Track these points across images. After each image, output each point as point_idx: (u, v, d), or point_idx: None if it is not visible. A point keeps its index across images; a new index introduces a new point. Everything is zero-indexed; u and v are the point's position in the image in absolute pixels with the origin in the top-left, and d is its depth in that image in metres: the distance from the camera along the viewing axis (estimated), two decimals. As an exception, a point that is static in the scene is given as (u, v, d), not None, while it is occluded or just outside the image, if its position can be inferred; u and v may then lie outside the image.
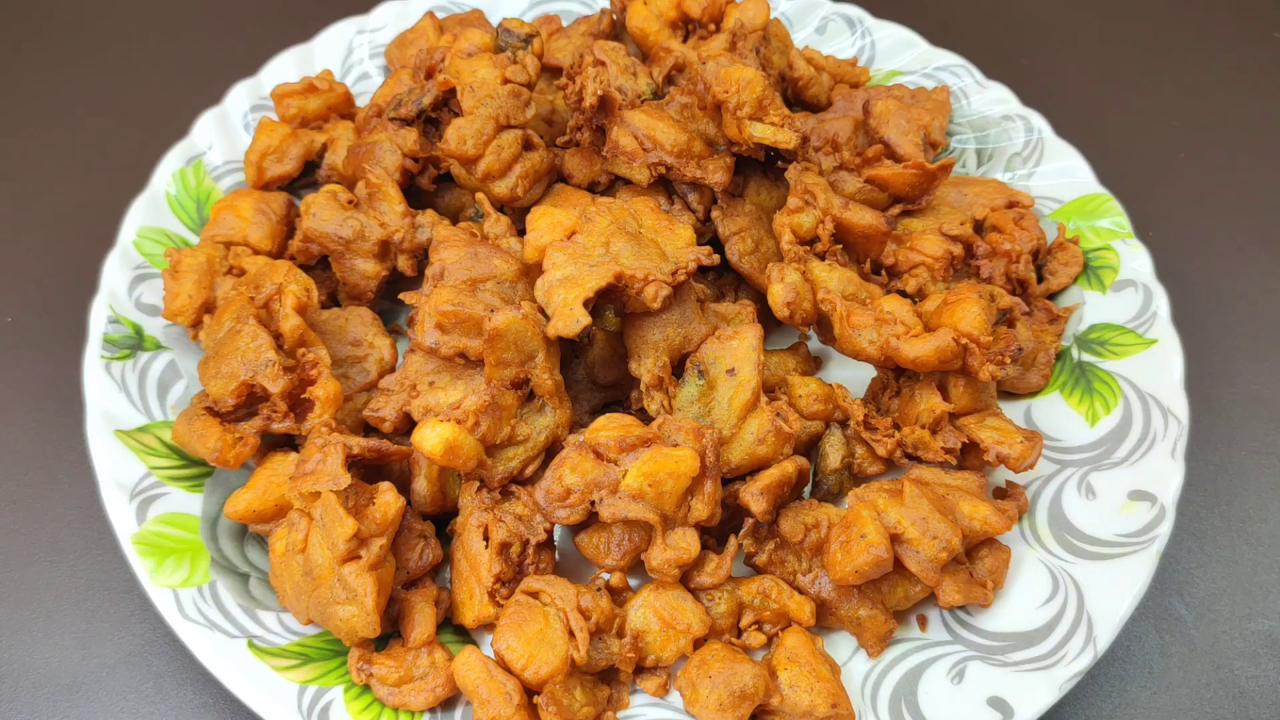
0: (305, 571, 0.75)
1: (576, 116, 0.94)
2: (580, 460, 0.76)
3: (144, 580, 0.78)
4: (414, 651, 0.76)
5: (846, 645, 0.79)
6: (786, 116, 0.87)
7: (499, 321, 0.77)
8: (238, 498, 0.80)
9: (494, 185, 0.93)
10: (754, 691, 0.72)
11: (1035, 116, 1.07)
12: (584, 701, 0.73)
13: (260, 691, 0.73)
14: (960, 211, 0.97)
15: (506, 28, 0.99)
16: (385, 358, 0.90)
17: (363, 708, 0.75)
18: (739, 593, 0.79)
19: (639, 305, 0.81)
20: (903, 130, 1.00)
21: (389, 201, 0.93)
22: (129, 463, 0.84)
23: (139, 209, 0.99)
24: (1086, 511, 0.82)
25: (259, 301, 0.85)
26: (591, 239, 0.82)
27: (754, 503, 0.77)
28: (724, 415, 0.81)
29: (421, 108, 0.94)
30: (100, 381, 0.88)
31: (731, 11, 1.03)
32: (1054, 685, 0.73)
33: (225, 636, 0.76)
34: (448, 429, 0.76)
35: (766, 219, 0.94)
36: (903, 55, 1.15)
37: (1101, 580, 0.78)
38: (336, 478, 0.74)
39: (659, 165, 0.89)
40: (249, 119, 1.08)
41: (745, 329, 0.83)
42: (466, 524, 0.80)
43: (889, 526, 0.75)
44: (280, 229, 0.98)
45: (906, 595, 0.77)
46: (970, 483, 0.81)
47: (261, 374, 0.80)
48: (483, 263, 0.85)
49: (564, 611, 0.74)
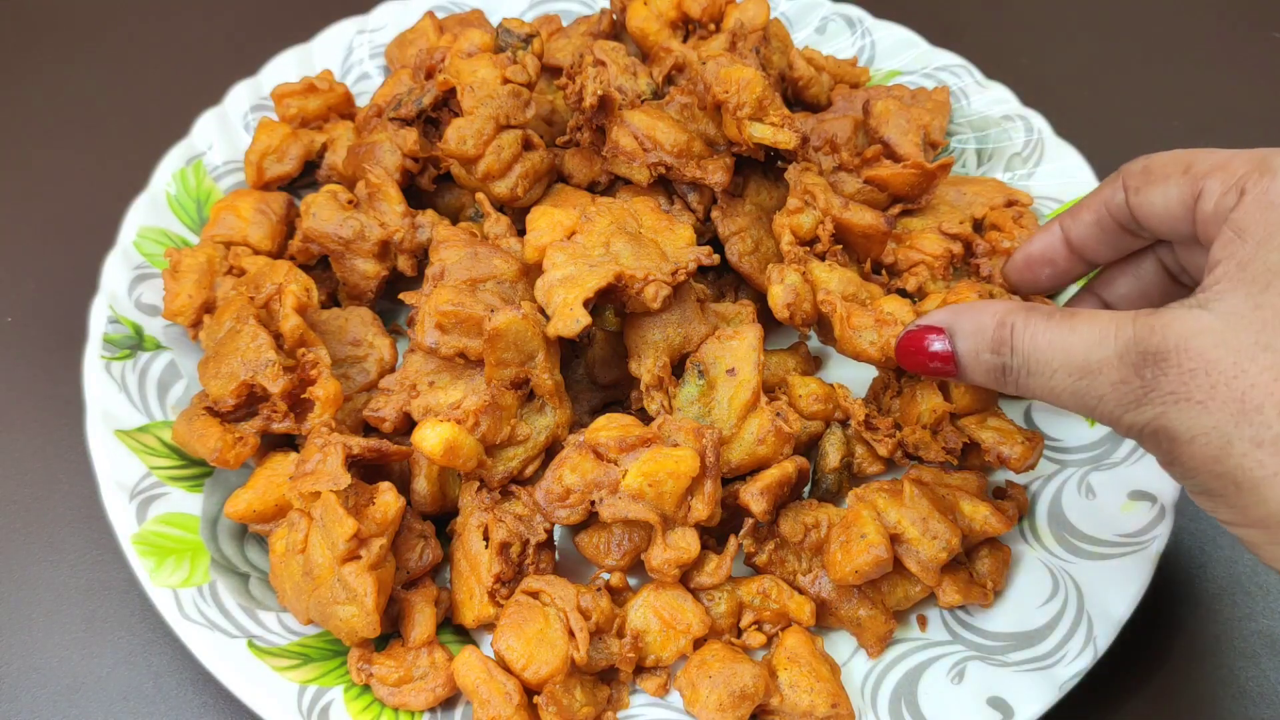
0: (305, 571, 0.75)
1: (576, 116, 0.94)
2: (580, 460, 0.76)
3: (144, 580, 0.78)
4: (414, 651, 0.76)
5: (846, 645, 0.79)
6: (786, 117, 0.87)
7: (499, 321, 0.77)
8: (238, 498, 0.80)
9: (494, 185, 0.93)
10: (754, 691, 0.72)
11: (1035, 116, 1.06)
12: (584, 701, 0.73)
13: (260, 691, 0.73)
14: (960, 210, 0.97)
15: (506, 28, 0.99)
16: (385, 358, 0.90)
17: (363, 708, 0.75)
18: (739, 593, 0.79)
19: (639, 305, 0.81)
20: (903, 130, 1.00)
21: (389, 201, 0.93)
22: (129, 463, 0.84)
23: (139, 209, 0.99)
24: (1086, 511, 0.82)
25: (259, 301, 0.85)
26: (591, 239, 0.82)
27: (754, 503, 0.77)
28: (724, 415, 0.81)
29: (421, 108, 0.94)
30: (100, 381, 0.88)
31: (731, 11, 1.03)
32: (1054, 685, 0.73)
33: (225, 636, 0.76)
34: (448, 429, 0.76)
35: (766, 219, 0.94)
36: (903, 55, 1.15)
37: (1101, 580, 0.78)
38: (336, 478, 0.74)
39: (659, 165, 0.89)
40: (249, 119, 1.08)
41: (745, 329, 0.83)
42: (466, 524, 0.80)
43: (889, 526, 0.75)
44: (280, 229, 0.98)
45: (906, 595, 0.77)
46: (970, 483, 0.81)
47: (261, 374, 0.80)
48: (483, 263, 0.85)
49: (564, 611, 0.74)
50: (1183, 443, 0.56)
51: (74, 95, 1.26)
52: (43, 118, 1.24)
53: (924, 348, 0.69)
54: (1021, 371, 0.63)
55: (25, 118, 1.24)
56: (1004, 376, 0.64)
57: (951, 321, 0.68)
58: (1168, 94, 1.27)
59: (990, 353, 0.65)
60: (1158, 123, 1.24)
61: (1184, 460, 0.57)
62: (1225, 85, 1.27)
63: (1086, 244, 0.75)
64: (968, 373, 0.67)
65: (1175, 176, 0.65)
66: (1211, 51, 1.31)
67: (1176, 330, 0.56)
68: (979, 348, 0.65)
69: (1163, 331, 0.56)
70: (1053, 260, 0.78)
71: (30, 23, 1.35)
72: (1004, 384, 0.65)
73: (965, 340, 0.67)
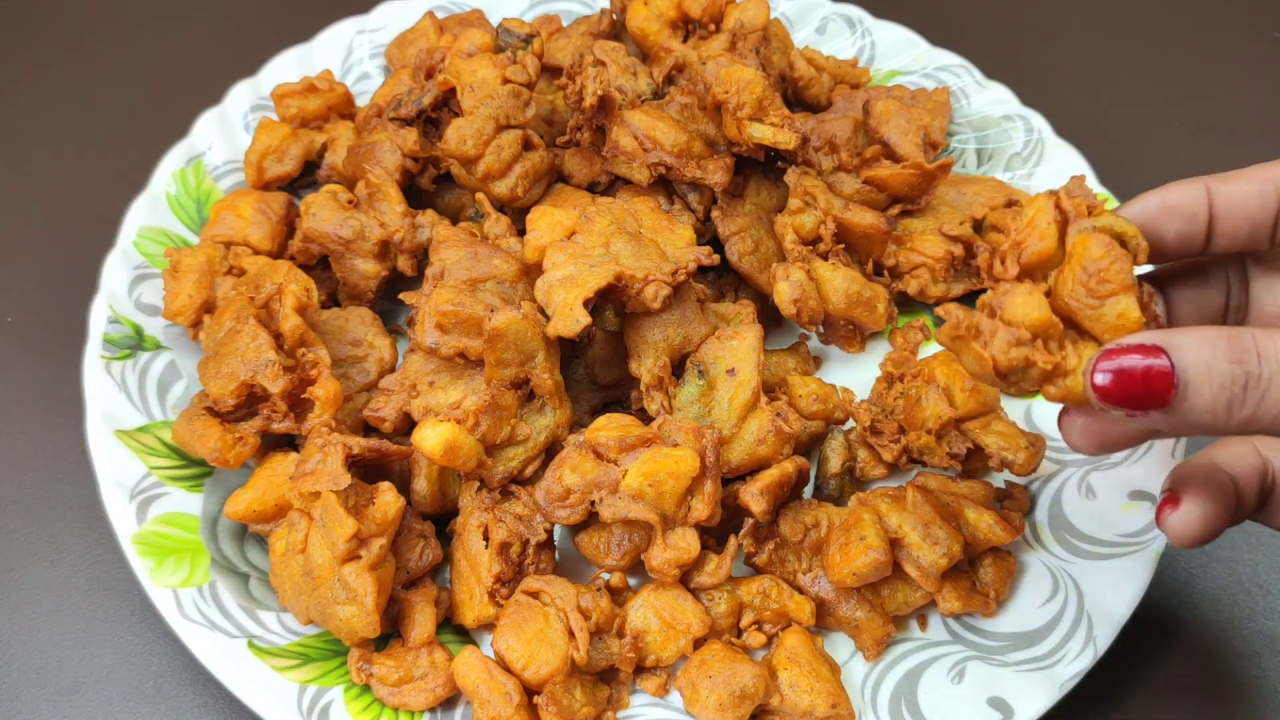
0: (305, 571, 0.75)
1: (576, 116, 0.94)
2: (580, 460, 0.76)
3: (144, 580, 0.78)
4: (414, 651, 0.76)
5: (846, 645, 0.79)
6: (786, 117, 0.87)
7: (499, 321, 0.77)
8: (238, 498, 0.80)
9: (494, 185, 0.93)
10: (754, 691, 0.72)
11: (1035, 116, 1.06)
12: (584, 701, 0.73)
13: (260, 691, 0.73)
14: (960, 211, 0.97)
15: (506, 28, 0.99)
16: (385, 358, 0.90)
17: (363, 708, 0.75)
18: (739, 593, 0.79)
19: (639, 305, 0.81)
20: (902, 130, 1.00)
21: (389, 201, 0.93)
22: (129, 463, 0.84)
23: (139, 209, 0.99)
24: (1086, 511, 0.82)
25: (259, 301, 0.85)
26: (591, 239, 0.82)
27: (754, 503, 0.77)
28: (724, 415, 0.81)
29: (421, 108, 0.94)
30: (100, 381, 0.88)
31: (731, 11, 1.03)
32: (1054, 685, 0.73)
33: (225, 636, 0.76)
34: (448, 429, 0.76)
35: (766, 219, 0.94)
36: (903, 55, 1.15)
37: (1101, 580, 0.78)
38: (336, 478, 0.74)
39: (659, 165, 0.89)
40: (249, 119, 1.08)
41: (745, 329, 0.83)
42: (466, 524, 0.80)
43: (890, 531, 0.75)
44: (280, 229, 0.98)
45: (906, 600, 0.77)
46: (976, 492, 0.81)
47: (261, 374, 0.80)
48: (483, 263, 0.85)
49: (564, 611, 0.74)
50: None
51: (74, 95, 1.26)
52: (43, 118, 1.24)
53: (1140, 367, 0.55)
54: (1274, 380, 0.53)
55: (25, 118, 1.24)
56: (1245, 392, 0.54)
57: (1170, 338, 0.55)
58: (1168, 94, 1.27)
59: (1229, 362, 0.54)
60: (1158, 123, 1.24)
61: None
62: (1225, 85, 1.27)
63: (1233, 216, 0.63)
64: (1194, 394, 0.54)
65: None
66: (1211, 51, 1.31)
67: None
68: (1213, 359, 0.54)
69: None
70: (1192, 216, 0.64)
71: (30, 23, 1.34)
72: (1241, 404, 0.54)
73: (1192, 354, 0.54)
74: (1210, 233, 0.64)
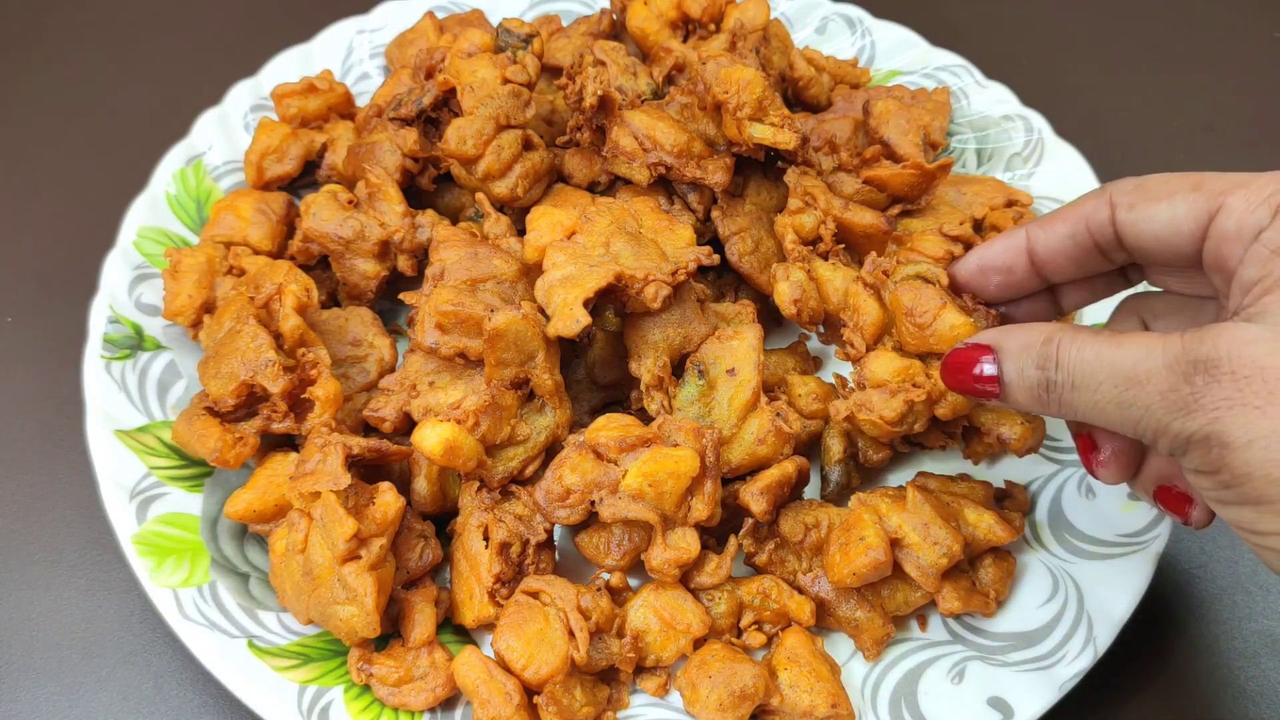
0: (305, 571, 0.75)
1: (576, 116, 0.94)
2: (580, 460, 0.76)
3: (144, 580, 0.78)
4: (414, 651, 0.76)
5: (846, 645, 0.79)
6: (786, 117, 0.87)
7: (499, 321, 0.77)
8: (238, 498, 0.80)
9: (494, 185, 0.93)
10: (754, 691, 0.72)
11: (1035, 116, 1.06)
12: (584, 701, 0.73)
13: (260, 691, 0.73)
14: (960, 211, 0.97)
15: (506, 28, 0.99)
16: (385, 358, 0.90)
17: (363, 708, 0.75)
18: (739, 593, 0.79)
19: (639, 305, 0.81)
20: (902, 130, 1.00)
21: (389, 201, 0.93)
22: (129, 463, 0.84)
23: (139, 209, 0.99)
24: (1086, 511, 0.82)
25: (259, 301, 0.85)
26: (591, 239, 0.82)
27: (754, 503, 0.77)
28: (724, 415, 0.81)
29: (421, 108, 0.94)
30: (100, 381, 0.88)
31: (731, 11, 1.03)
32: (1054, 685, 0.73)
33: (225, 636, 0.76)
34: (448, 429, 0.76)
35: (766, 219, 0.94)
36: (903, 55, 1.15)
37: (1101, 580, 0.78)
38: (336, 478, 0.75)
39: (659, 165, 0.89)
40: (249, 119, 1.08)
41: (745, 329, 0.83)
42: (466, 524, 0.80)
43: (890, 531, 0.75)
44: (280, 229, 0.98)
45: (906, 600, 0.77)
46: (976, 492, 0.81)
47: (261, 374, 0.80)
48: (483, 263, 0.85)
49: (564, 611, 0.74)
50: (1236, 448, 0.56)
51: (74, 95, 1.26)
52: (43, 117, 1.24)
53: (971, 370, 0.67)
54: (1066, 386, 0.62)
55: (25, 117, 1.24)
56: (1047, 393, 0.63)
57: (999, 340, 0.67)
58: (1168, 94, 1.27)
59: (1036, 368, 0.63)
60: (1158, 123, 1.24)
61: (1235, 466, 0.56)
62: (1225, 85, 1.27)
63: (1053, 258, 0.71)
64: (1012, 392, 0.66)
65: (1183, 193, 0.63)
66: (1211, 51, 1.31)
67: (1227, 340, 0.56)
68: (1024, 365, 0.64)
69: (1213, 341, 0.56)
70: (1010, 269, 0.74)
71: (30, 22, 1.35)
72: (1046, 402, 0.64)
73: (1011, 360, 0.65)
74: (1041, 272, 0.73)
